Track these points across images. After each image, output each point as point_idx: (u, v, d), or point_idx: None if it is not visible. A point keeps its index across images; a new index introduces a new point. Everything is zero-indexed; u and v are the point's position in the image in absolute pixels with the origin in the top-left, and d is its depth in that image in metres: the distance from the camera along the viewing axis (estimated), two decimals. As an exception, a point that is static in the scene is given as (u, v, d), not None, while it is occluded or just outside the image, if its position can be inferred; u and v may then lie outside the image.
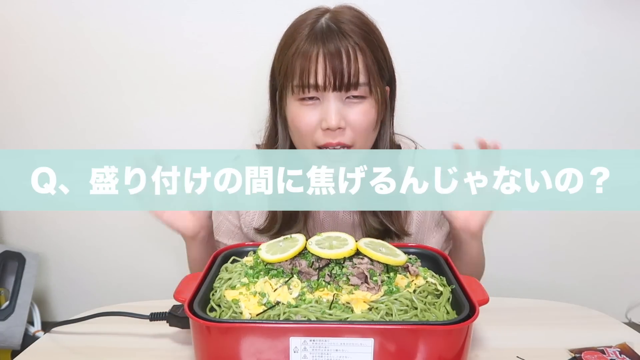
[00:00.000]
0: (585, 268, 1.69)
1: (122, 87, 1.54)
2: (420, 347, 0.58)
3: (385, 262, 0.67)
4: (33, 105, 1.57)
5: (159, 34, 1.48)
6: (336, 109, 0.80)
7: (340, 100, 0.81)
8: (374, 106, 0.83)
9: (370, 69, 0.80)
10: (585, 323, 0.81)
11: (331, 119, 0.79)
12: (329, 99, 0.80)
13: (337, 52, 0.78)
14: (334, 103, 0.80)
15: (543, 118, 1.53)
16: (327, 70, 0.78)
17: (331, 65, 0.78)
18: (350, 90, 0.80)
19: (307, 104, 0.82)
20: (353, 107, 0.81)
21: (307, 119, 0.82)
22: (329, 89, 0.79)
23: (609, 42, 1.47)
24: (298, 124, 0.83)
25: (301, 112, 0.82)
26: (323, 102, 0.81)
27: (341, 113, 0.80)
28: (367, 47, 0.80)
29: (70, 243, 1.73)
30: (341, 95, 0.80)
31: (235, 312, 0.63)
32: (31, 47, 1.51)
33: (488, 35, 1.46)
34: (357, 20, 0.82)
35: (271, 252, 0.70)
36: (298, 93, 0.81)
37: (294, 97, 0.83)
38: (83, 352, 0.73)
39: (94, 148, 1.58)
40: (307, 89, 0.80)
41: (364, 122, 0.82)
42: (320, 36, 0.79)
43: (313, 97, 0.81)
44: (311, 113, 0.82)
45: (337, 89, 0.79)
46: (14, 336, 1.52)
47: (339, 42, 0.79)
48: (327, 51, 0.78)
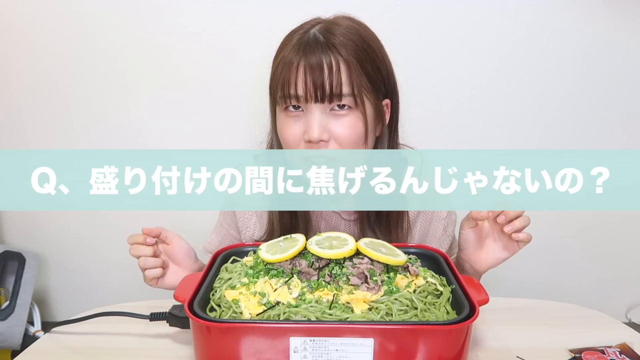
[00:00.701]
0: (585, 268, 1.69)
1: (122, 87, 1.53)
2: (420, 347, 0.58)
3: (385, 262, 0.67)
4: (33, 105, 1.57)
5: (160, 34, 1.48)
6: (318, 122, 0.78)
7: (324, 112, 0.79)
8: (361, 119, 0.80)
9: (356, 81, 0.78)
10: (585, 323, 0.81)
11: (313, 131, 0.78)
12: (311, 111, 0.79)
13: (318, 64, 0.77)
14: (316, 115, 0.79)
15: (542, 118, 1.53)
16: (308, 81, 0.77)
17: (312, 77, 0.77)
18: (333, 101, 0.78)
19: (291, 115, 0.81)
20: (338, 119, 0.80)
21: (291, 130, 0.81)
22: (310, 100, 0.78)
23: (608, 42, 1.47)
24: (283, 135, 0.83)
25: (286, 124, 0.82)
26: (306, 114, 0.80)
27: (324, 125, 0.79)
28: (355, 59, 0.78)
29: (70, 243, 1.72)
30: (325, 107, 0.79)
31: (235, 312, 0.63)
32: (31, 47, 1.51)
33: (487, 35, 1.46)
34: (350, 32, 0.80)
35: (271, 252, 0.70)
36: (282, 104, 0.81)
37: (280, 109, 0.83)
38: (83, 352, 0.73)
39: (94, 148, 1.58)
40: (289, 99, 0.80)
41: (349, 136, 0.80)
42: (304, 47, 0.78)
43: (298, 106, 0.80)
44: (295, 125, 0.81)
45: (319, 100, 0.78)
46: (14, 336, 1.52)
47: (322, 53, 0.77)
48: (307, 63, 0.77)
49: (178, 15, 1.46)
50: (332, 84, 0.77)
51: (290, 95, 0.79)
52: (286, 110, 0.82)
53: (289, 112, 0.82)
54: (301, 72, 0.77)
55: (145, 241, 0.82)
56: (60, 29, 1.49)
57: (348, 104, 0.79)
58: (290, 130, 0.81)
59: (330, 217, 0.95)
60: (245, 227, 0.97)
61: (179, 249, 0.87)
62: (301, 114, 0.81)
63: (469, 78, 1.50)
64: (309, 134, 0.78)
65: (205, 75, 1.50)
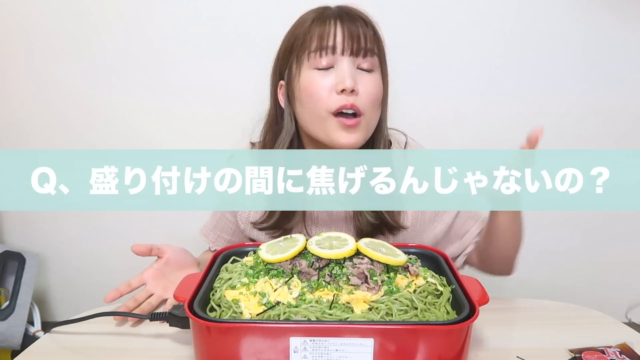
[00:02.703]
0: (585, 268, 1.69)
1: (122, 87, 1.53)
2: (420, 347, 0.58)
3: (385, 262, 0.67)
4: (33, 105, 1.57)
5: (160, 34, 1.48)
6: (350, 71, 0.82)
7: (354, 65, 0.83)
8: (380, 81, 0.86)
9: (379, 45, 0.86)
10: (585, 323, 0.81)
11: (347, 80, 0.81)
12: (343, 63, 0.82)
13: (353, 19, 0.83)
14: (348, 66, 0.82)
15: (542, 118, 1.53)
16: (345, 33, 0.82)
17: (348, 30, 0.82)
18: (366, 56, 0.83)
19: (322, 69, 0.84)
20: (364, 76, 0.84)
21: (322, 83, 0.83)
22: (346, 52, 0.82)
23: (608, 43, 1.47)
24: (313, 89, 0.84)
25: (316, 78, 0.84)
26: (337, 68, 0.83)
27: (355, 77, 0.82)
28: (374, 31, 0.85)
29: (70, 243, 1.72)
30: (355, 61, 0.83)
31: (235, 312, 0.63)
32: (31, 47, 1.51)
33: (487, 36, 1.46)
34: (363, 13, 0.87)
35: (271, 252, 0.70)
36: (315, 58, 0.83)
37: (309, 66, 0.84)
38: (83, 352, 0.73)
39: (94, 148, 1.58)
40: (325, 51, 0.82)
41: (373, 92, 0.84)
42: (335, 10, 0.85)
43: (328, 67, 0.83)
44: (326, 78, 0.83)
45: (354, 53, 0.82)
46: (14, 336, 1.52)
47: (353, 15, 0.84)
48: (343, 18, 0.83)
49: (178, 15, 1.46)
50: (365, 37, 0.83)
51: (327, 46, 0.82)
52: (316, 69, 0.84)
53: (319, 69, 0.84)
54: (339, 26, 0.83)
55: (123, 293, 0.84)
56: (60, 29, 1.49)
57: (371, 66, 0.85)
58: (322, 84, 0.83)
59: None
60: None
61: (175, 254, 0.88)
62: (331, 70, 0.83)
63: (469, 78, 1.50)
64: (343, 83, 0.81)
65: (205, 75, 1.50)
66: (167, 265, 0.87)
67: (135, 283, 0.85)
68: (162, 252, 0.87)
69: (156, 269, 0.86)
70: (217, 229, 1.03)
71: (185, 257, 0.90)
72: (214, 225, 1.02)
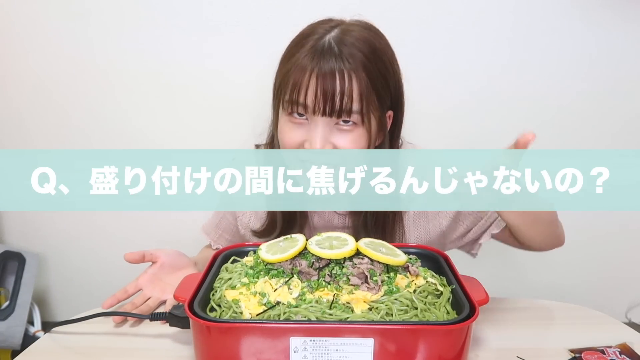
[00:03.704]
0: (585, 268, 1.69)
1: (122, 87, 1.54)
2: (420, 347, 0.58)
3: (385, 262, 0.67)
4: (33, 105, 1.57)
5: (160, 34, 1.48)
6: (322, 135, 0.78)
7: (329, 125, 0.79)
8: (365, 135, 0.80)
9: (365, 98, 0.77)
10: (585, 323, 0.81)
11: (316, 143, 0.78)
12: (316, 123, 0.78)
13: (331, 77, 0.75)
14: (321, 128, 0.78)
15: (542, 118, 1.53)
16: (318, 93, 0.76)
17: (322, 89, 0.75)
18: (342, 116, 0.78)
19: (295, 122, 0.81)
20: (342, 134, 0.79)
21: (292, 136, 0.81)
22: (318, 113, 0.77)
23: (608, 43, 1.47)
24: (283, 138, 0.83)
25: (288, 129, 0.82)
26: (311, 124, 0.79)
27: (328, 138, 0.79)
28: (366, 74, 0.77)
29: (70, 243, 1.72)
30: (331, 121, 0.79)
31: (236, 312, 0.63)
32: (31, 47, 1.51)
33: (487, 36, 1.46)
34: (363, 42, 0.78)
35: (271, 252, 0.70)
36: (287, 109, 0.80)
37: (284, 112, 0.82)
38: (83, 352, 0.73)
39: (94, 148, 1.58)
40: (297, 106, 0.78)
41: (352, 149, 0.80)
42: (318, 55, 0.76)
43: (303, 114, 0.80)
44: (297, 132, 0.81)
45: (327, 114, 0.77)
46: (14, 336, 1.52)
47: (335, 65, 0.76)
48: (320, 73, 0.75)
49: (178, 15, 1.46)
50: (342, 100, 0.76)
51: (298, 102, 0.78)
52: (290, 116, 0.81)
53: (293, 118, 0.81)
54: (313, 82, 0.76)
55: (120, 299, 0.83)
56: (60, 29, 1.49)
57: (355, 120, 0.79)
58: (291, 136, 0.81)
59: (324, 211, 0.95)
60: (242, 213, 0.98)
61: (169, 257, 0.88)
62: (305, 123, 0.80)
63: (469, 78, 1.50)
64: (311, 144, 0.78)
65: (205, 75, 1.51)
66: (162, 269, 0.87)
67: (132, 289, 0.84)
68: (155, 257, 0.87)
69: (151, 274, 0.86)
70: (219, 229, 1.03)
71: (180, 259, 0.89)
72: (216, 225, 1.02)
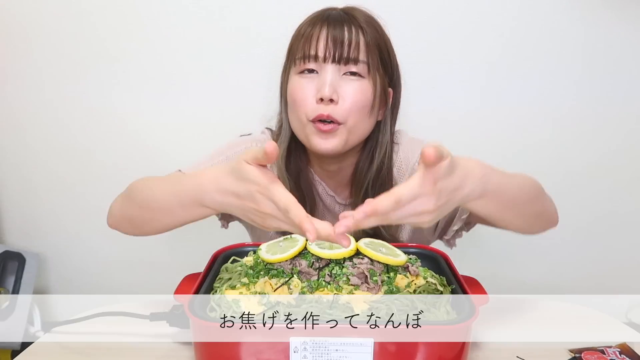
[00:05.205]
0: (585, 268, 1.69)
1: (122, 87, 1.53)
2: (420, 347, 0.58)
3: (385, 262, 0.67)
4: (33, 105, 1.57)
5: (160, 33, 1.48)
6: (331, 81, 0.80)
7: (337, 74, 0.82)
8: (370, 89, 0.83)
9: (371, 50, 0.82)
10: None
11: (325, 89, 0.80)
12: (326, 71, 0.81)
13: (340, 25, 0.81)
14: (330, 74, 0.81)
15: (541, 118, 1.53)
16: (328, 40, 0.80)
17: (332, 36, 0.80)
18: (349, 64, 0.81)
19: (305, 77, 0.83)
20: (349, 82, 0.82)
21: (303, 89, 0.83)
22: (328, 59, 0.81)
23: (608, 43, 1.47)
24: (294, 95, 0.84)
25: (299, 84, 0.83)
26: (320, 75, 0.82)
27: (335, 86, 0.81)
28: (372, 34, 0.83)
29: (70, 243, 1.72)
30: (339, 69, 0.82)
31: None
32: (31, 47, 1.51)
33: (487, 36, 1.46)
34: (369, 18, 0.85)
35: (271, 252, 0.70)
36: (299, 65, 0.83)
37: (295, 71, 0.84)
38: (83, 352, 0.73)
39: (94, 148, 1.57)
40: (308, 59, 0.82)
41: (358, 99, 0.82)
42: (327, 15, 0.83)
43: (312, 70, 0.82)
44: (308, 85, 0.83)
45: (336, 60, 0.81)
46: (14, 336, 1.52)
47: (344, 21, 0.82)
48: (330, 24, 0.81)
49: (178, 15, 1.46)
50: (350, 46, 0.80)
51: (309, 55, 0.81)
52: (301, 74, 0.83)
53: (303, 75, 0.83)
54: (324, 32, 0.81)
55: None
56: (60, 28, 1.49)
57: (361, 72, 0.82)
58: (303, 90, 0.82)
59: (326, 199, 0.95)
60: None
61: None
62: (315, 77, 0.82)
63: (468, 78, 1.50)
64: (321, 91, 0.80)
65: (206, 75, 1.50)
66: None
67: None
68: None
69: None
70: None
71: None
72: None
